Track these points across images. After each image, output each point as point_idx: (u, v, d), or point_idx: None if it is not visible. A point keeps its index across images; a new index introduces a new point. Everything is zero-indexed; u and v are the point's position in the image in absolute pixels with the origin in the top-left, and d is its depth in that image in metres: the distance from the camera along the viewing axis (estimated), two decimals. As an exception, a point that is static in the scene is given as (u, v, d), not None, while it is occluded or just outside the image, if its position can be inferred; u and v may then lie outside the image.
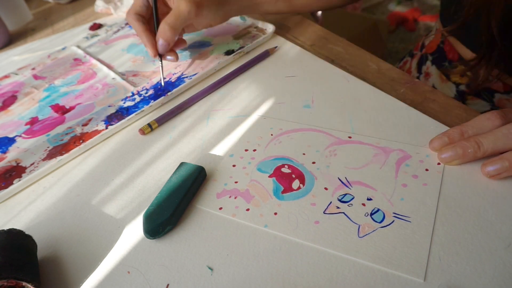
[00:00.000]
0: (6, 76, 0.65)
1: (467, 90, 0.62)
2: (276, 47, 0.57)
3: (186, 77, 0.55)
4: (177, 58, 0.54)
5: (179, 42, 0.56)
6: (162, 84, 0.53)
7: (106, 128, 0.49)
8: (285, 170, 0.39)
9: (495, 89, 0.59)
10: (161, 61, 0.54)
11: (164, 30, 0.50)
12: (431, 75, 0.67)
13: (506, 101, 0.59)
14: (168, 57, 0.54)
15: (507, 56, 0.51)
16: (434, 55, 0.68)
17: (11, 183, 0.44)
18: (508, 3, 0.46)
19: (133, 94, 0.54)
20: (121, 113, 0.51)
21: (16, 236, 0.34)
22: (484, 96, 0.60)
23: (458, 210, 0.33)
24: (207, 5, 0.52)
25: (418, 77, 0.70)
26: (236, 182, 0.39)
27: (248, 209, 0.36)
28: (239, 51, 0.56)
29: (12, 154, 0.49)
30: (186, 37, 0.64)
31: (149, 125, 0.47)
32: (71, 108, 0.54)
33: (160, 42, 0.51)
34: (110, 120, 0.50)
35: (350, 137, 0.41)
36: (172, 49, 0.54)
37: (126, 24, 0.73)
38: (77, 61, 0.65)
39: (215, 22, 0.56)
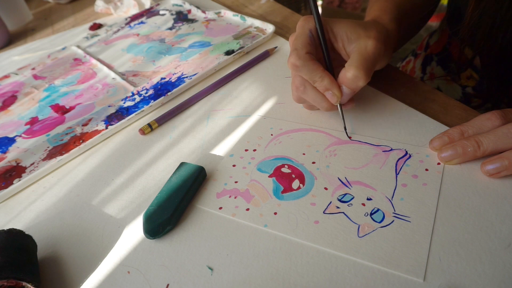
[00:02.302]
0: (6, 76, 0.65)
1: (473, 92, 0.61)
2: (276, 47, 0.57)
3: (186, 77, 0.55)
4: (354, 104, 0.43)
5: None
6: (347, 135, 0.42)
7: (106, 128, 0.49)
8: (285, 170, 0.39)
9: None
10: (341, 110, 0.42)
11: (356, 77, 0.38)
12: (436, 76, 0.67)
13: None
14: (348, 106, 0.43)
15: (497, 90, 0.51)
16: (439, 55, 0.67)
17: (11, 183, 0.44)
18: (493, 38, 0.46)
19: (133, 94, 0.54)
20: (121, 113, 0.51)
21: (16, 236, 0.34)
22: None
23: (458, 210, 0.33)
24: (387, 47, 0.43)
25: (422, 78, 0.70)
26: (236, 182, 0.39)
27: (248, 209, 0.36)
28: (239, 51, 0.56)
29: (12, 154, 0.49)
30: (187, 37, 0.64)
31: (149, 125, 0.47)
32: (71, 108, 0.54)
33: (346, 91, 0.40)
34: (110, 120, 0.50)
35: (350, 137, 0.41)
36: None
37: (126, 24, 0.73)
38: (77, 61, 0.65)
39: (381, 67, 0.45)
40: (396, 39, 0.46)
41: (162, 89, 0.53)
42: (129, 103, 0.52)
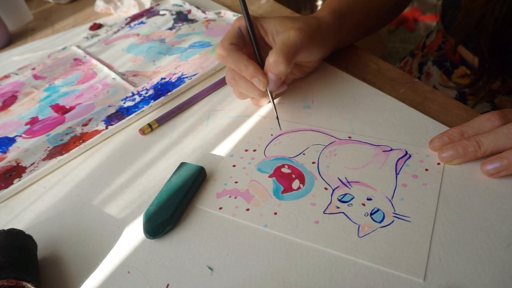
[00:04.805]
0: (6, 76, 0.65)
1: (468, 91, 0.62)
2: (276, 47, 0.57)
3: (187, 77, 0.55)
4: (286, 86, 0.45)
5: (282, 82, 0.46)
6: (280, 127, 0.44)
7: (106, 128, 0.49)
8: (285, 170, 0.39)
9: (496, 89, 0.59)
10: (272, 97, 0.44)
11: (276, 62, 0.41)
12: (432, 75, 0.67)
13: (506, 102, 0.59)
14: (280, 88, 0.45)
15: (501, 70, 0.51)
16: (435, 55, 0.68)
17: (11, 183, 0.44)
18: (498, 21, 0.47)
19: (133, 94, 0.54)
20: (121, 113, 0.51)
21: (16, 236, 0.34)
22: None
23: (458, 210, 0.33)
24: (315, 38, 0.44)
25: (419, 78, 0.70)
26: (236, 182, 0.39)
27: (248, 209, 0.36)
28: (239, 51, 0.56)
29: (12, 154, 0.49)
30: (187, 37, 0.64)
31: (149, 125, 0.47)
32: (71, 108, 0.54)
33: (271, 77, 0.42)
34: (110, 120, 0.50)
35: (350, 137, 0.41)
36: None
37: (126, 24, 0.73)
38: (77, 61, 0.65)
39: (318, 60, 0.49)
40: (336, 31, 0.49)
41: (162, 89, 0.53)
42: (129, 103, 0.52)
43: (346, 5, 0.51)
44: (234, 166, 0.41)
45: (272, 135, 0.43)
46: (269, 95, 0.43)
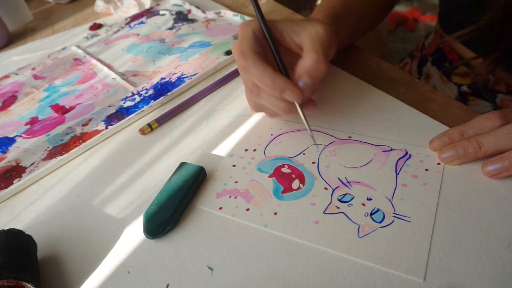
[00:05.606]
0: (6, 76, 0.65)
1: (469, 91, 0.62)
2: (276, 47, 0.57)
3: (186, 77, 0.55)
4: (315, 107, 0.40)
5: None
6: (314, 140, 0.40)
7: (106, 128, 0.49)
8: (285, 170, 0.39)
9: (498, 89, 0.59)
10: (302, 110, 0.39)
11: (316, 61, 0.36)
12: (432, 76, 0.67)
13: (508, 102, 0.59)
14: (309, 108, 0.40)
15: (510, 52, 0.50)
16: (434, 56, 0.68)
17: (11, 183, 0.44)
18: None
19: (133, 94, 0.54)
20: (121, 113, 0.51)
21: (16, 236, 0.34)
22: (486, 97, 0.60)
23: (458, 210, 0.33)
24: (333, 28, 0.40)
25: (418, 79, 0.70)
26: (236, 182, 0.39)
27: (248, 209, 0.36)
28: (239, 51, 0.56)
29: (12, 154, 0.49)
30: (187, 37, 0.64)
31: (149, 125, 0.47)
32: (71, 108, 0.54)
33: (307, 81, 0.37)
34: (110, 120, 0.50)
35: (350, 137, 0.41)
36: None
37: (126, 24, 0.73)
38: (77, 61, 0.65)
39: (332, 54, 0.41)
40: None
41: (162, 89, 0.53)
42: (129, 103, 0.52)
43: (341, 8, 0.49)
44: (234, 166, 0.41)
45: (272, 135, 0.43)
46: (298, 108, 0.38)
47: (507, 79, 0.57)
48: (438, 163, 0.37)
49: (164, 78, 0.55)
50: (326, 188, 0.37)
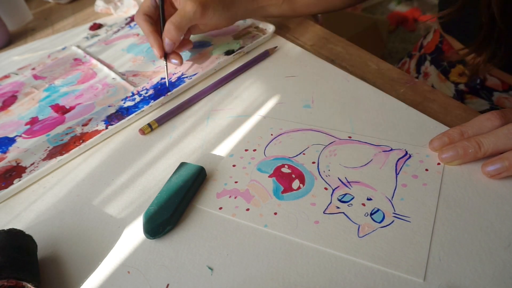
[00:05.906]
0: (6, 76, 0.65)
1: (466, 89, 0.62)
2: (276, 47, 0.57)
3: (186, 77, 0.55)
4: (181, 62, 0.55)
5: (185, 43, 0.56)
6: (167, 84, 0.53)
7: (106, 128, 0.49)
8: (285, 170, 0.39)
9: (494, 87, 0.59)
10: (166, 61, 0.54)
11: (169, 29, 0.51)
12: (430, 75, 0.67)
13: (505, 100, 0.59)
14: (173, 60, 0.54)
15: (506, 37, 0.51)
16: (432, 55, 0.68)
17: (11, 183, 0.44)
18: None
19: (133, 94, 0.54)
20: (121, 113, 0.51)
21: (16, 236, 0.34)
22: (483, 95, 0.60)
23: (458, 210, 0.33)
24: (213, 7, 0.53)
25: (417, 77, 0.70)
26: (236, 182, 0.39)
27: (248, 209, 0.36)
28: (239, 51, 0.56)
29: (12, 154, 0.49)
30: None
31: (149, 125, 0.47)
32: (71, 108, 0.54)
33: (166, 41, 0.52)
34: (110, 120, 0.50)
35: (350, 137, 0.41)
36: (177, 52, 0.55)
37: (126, 24, 0.73)
38: (77, 61, 0.65)
39: (221, 25, 0.57)
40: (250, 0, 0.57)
41: (162, 89, 0.53)
42: (129, 103, 0.52)
43: None
44: (234, 166, 0.41)
45: (272, 134, 0.43)
46: (164, 59, 0.54)
47: (503, 76, 0.57)
48: (438, 163, 0.37)
49: (164, 78, 0.55)
50: (326, 188, 0.37)
